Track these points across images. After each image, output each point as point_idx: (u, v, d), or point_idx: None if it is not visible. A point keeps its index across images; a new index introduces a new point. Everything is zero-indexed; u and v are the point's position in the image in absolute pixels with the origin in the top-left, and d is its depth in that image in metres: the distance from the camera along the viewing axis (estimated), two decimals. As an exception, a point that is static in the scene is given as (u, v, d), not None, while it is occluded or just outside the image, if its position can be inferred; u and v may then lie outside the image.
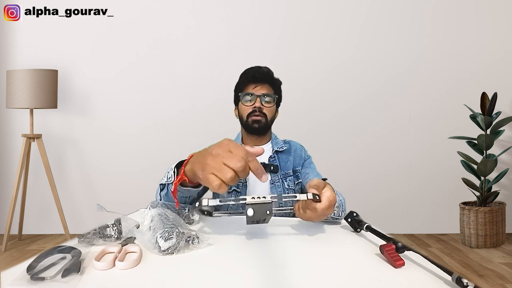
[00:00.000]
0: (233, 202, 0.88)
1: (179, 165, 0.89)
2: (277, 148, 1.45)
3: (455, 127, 3.13)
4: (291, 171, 1.43)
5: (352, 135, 3.23)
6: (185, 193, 0.94)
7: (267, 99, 1.42)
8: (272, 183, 1.39)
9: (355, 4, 3.21)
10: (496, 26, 3.23)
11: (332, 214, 1.05)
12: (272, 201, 0.80)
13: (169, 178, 0.95)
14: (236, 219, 1.12)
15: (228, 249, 0.80)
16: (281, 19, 3.22)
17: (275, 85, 1.47)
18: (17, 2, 3.14)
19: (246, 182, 1.38)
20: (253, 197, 0.79)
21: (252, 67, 1.47)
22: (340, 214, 1.08)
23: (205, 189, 1.02)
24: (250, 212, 0.78)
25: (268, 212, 0.79)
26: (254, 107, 1.41)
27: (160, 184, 1.01)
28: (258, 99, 1.41)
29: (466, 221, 2.90)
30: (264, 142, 1.48)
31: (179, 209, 0.95)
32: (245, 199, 0.79)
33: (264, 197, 0.80)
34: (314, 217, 0.86)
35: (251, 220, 0.81)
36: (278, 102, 1.49)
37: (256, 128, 1.41)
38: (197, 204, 0.86)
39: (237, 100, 1.49)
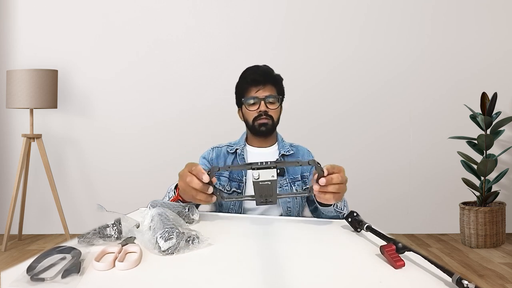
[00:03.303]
0: (242, 169, 1.04)
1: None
2: (284, 151, 1.42)
3: (455, 127, 3.12)
4: (299, 176, 1.40)
5: (352, 135, 3.23)
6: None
7: (271, 100, 1.38)
8: (280, 187, 1.37)
9: (355, 4, 3.21)
10: (496, 26, 3.23)
11: (335, 207, 1.15)
12: (276, 165, 0.88)
13: (171, 197, 1.13)
14: (236, 219, 1.12)
15: (228, 249, 0.80)
16: (281, 19, 3.22)
17: (277, 83, 1.43)
18: (18, 1, 3.14)
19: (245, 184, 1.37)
20: (260, 163, 0.88)
21: (250, 68, 1.43)
22: (342, 208, 1.17)
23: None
24: (255, 174, 0.86)
25: (272, 176, 0.86)
26: (260, 111, 1.37)
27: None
28: (263, 102, 1.37)
29: (466, 221, 2.90)
30: (270, 144, 1.46)
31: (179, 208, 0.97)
32: (251, 163, 0.88)
33: (269, 162, 0.90)
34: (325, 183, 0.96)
35: (259, 192, 0.88)
36: (282, 100, 1.45)
37: (264, 131, 1.39)
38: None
39: (239, 103, 1.45)
